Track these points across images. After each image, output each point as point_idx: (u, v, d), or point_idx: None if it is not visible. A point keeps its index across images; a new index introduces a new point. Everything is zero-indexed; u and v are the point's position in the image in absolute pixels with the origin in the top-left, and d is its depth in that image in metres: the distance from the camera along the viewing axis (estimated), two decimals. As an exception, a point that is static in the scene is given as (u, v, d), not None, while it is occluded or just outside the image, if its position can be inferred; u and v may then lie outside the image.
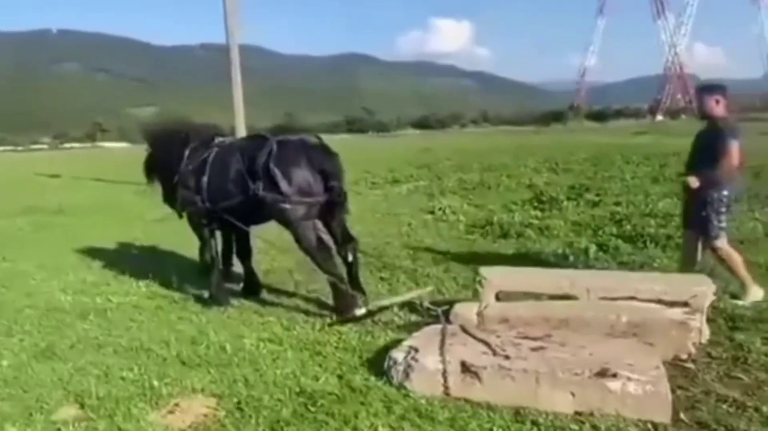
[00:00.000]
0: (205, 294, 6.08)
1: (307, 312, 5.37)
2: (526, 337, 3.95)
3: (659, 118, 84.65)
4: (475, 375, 3.54)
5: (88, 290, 6.51)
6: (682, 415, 3.27)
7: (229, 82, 16.42)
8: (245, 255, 6.01)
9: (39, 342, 4.90)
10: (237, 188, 5.13)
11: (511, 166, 18.20)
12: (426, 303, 4.65)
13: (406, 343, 3.96)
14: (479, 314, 4.36)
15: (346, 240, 5.15)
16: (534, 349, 3.73)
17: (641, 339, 3.97)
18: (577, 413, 3.33)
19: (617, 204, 9.56)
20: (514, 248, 7.63)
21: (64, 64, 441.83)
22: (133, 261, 8.02)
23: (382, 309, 4.91)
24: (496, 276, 4.62)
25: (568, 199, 10.43)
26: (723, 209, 5.08)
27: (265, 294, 6.05)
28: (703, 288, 4.24)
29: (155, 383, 3.92)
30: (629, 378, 3.33)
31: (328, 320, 5.00)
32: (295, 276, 6.84)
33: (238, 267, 6.38)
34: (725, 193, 5.08)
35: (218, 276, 5.76)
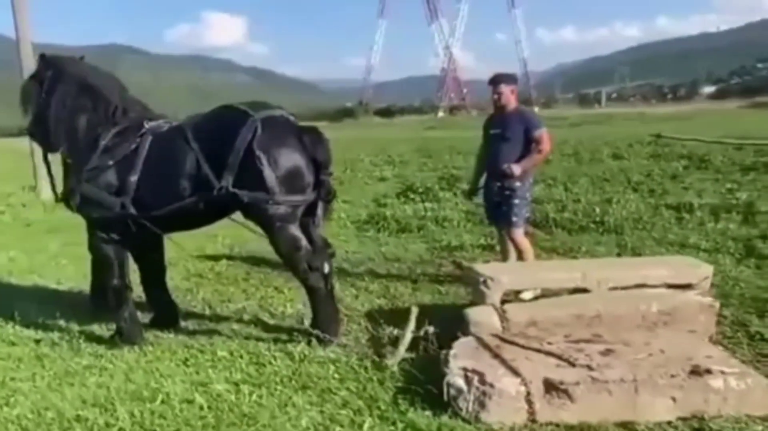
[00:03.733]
0: (97, 329, 4.68)
1: (260, 340, 4.33)
2: (577, 340, 3.54)
3: (440, 114, 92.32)
4: (565, 393, 3.01)
5: None
6: (777, 404, 3.12)
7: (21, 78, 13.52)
8: (160, 273, 4.70)
9: None
10: (190, 185, 3.89)
11: (345, 160, 17.85)
12: (432, 329, 3.93)
13: (455, 365, 3.27)
14: (503, 319, 3.83)
15: (323, 247, 4.20)
16: (603, 354, 3.33)
17: (673, 327, 3.81)
18: (681, 419, 3.00)
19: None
20: (424, 242, 7.24)
21: None
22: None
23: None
24: (501, 275, 4.14)
25: (442, 189, 10.36)
26: (527, 198, 5.13)
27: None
28: (705, 270, 4.24)
29: (140, 471, 2.71)
30: (723, 372, 3.09)
31: (322, 350, 4.00)
32: (199, 295, 5.64)
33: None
34: (531, 181, 5.18)
35: (131, 305, 4.39)
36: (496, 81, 5.21)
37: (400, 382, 3.47)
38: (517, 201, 5.03)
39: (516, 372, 3.12)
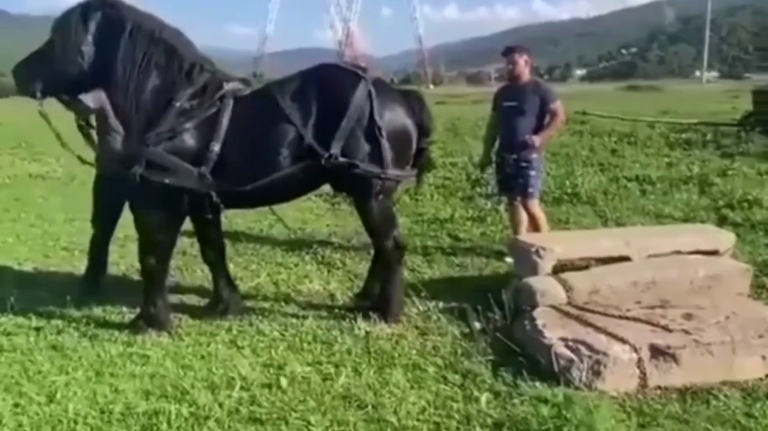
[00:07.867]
0: (100, 313, 4.18)
1: (303, 317, 4.05)
2: (652, 306, 3.64)
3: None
4: (672, 357, 3.09)
5: None
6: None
7: None
8: (220, 253, 4.28)
9: None
10: (289, 154, 3.52)
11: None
12: (476, 324, 3.79)
13: (552, 335, 3.26)
14: (567, 288, 3.84)
15: None
16: (685, 318, 3.44)
17: (719, 291, 4.00)
18: (768, 376, 3.19)
19: (454, 165, 9.74)
20: (404, 215, 7.12)
21: None
22: None
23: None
24: (553, 245, 4.15)
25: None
26: (541, 169, 5.28)
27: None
28: (729, 237, 4.50)
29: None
30: (798, 332, 3.31)
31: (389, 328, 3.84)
32: (196, 273, 5.20)
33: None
34: (543, 153, 5.39)
35: (165, 290, 3.93)
36: (510, 51, 5.17)
37: (489, 355, 3.40)
38: (533, 172, 5.08)
39: (622, 340, 3.15)
